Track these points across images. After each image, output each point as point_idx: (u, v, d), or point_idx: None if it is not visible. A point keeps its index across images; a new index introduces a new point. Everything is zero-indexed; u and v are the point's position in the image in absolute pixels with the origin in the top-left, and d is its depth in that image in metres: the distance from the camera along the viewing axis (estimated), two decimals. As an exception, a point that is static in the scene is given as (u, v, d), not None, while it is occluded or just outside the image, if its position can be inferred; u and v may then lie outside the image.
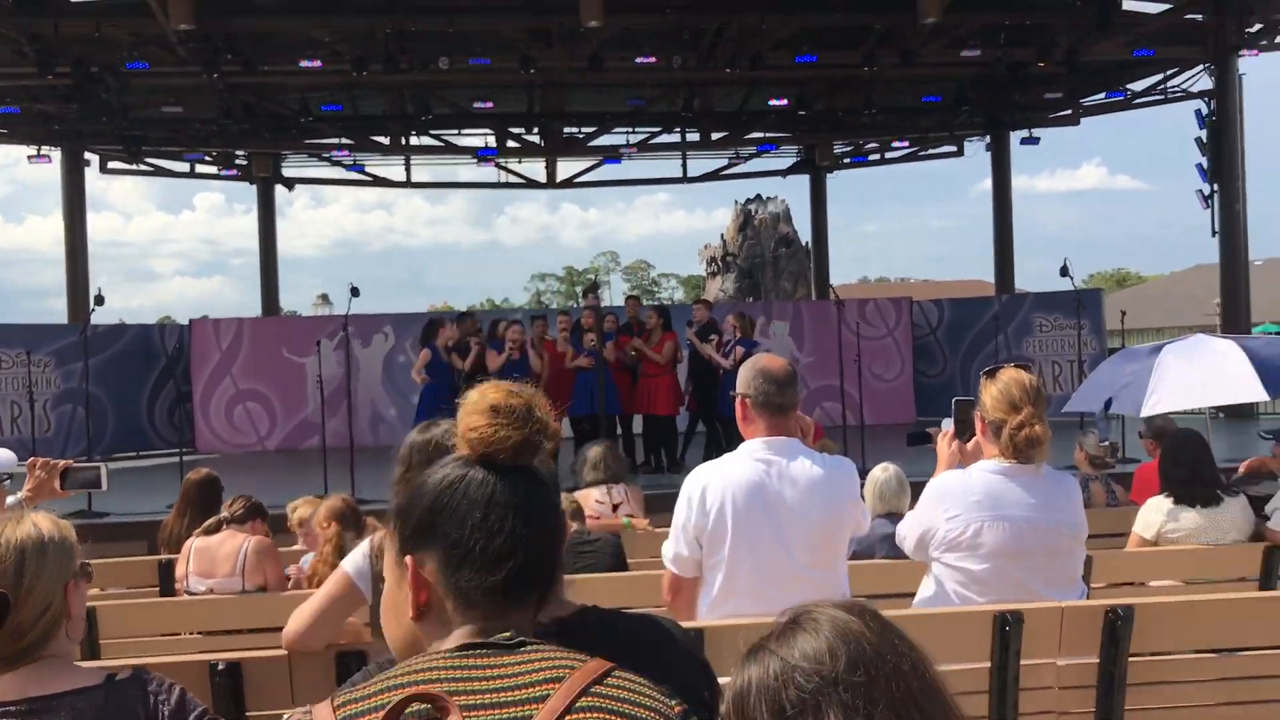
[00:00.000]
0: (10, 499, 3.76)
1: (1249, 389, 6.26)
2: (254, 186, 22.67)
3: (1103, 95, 18.99)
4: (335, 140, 20.15)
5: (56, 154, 18.47)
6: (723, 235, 35.68)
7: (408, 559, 1.46)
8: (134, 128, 17.49)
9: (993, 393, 3.57)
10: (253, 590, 5.08)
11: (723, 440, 11.88)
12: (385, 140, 20.09)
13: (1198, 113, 16.77)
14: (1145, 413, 6.67)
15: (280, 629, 3.19)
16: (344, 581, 3.11)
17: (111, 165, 20.59)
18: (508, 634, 1.38)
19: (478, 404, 1.50)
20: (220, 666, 3.09)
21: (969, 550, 3.54)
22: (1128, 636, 3.47)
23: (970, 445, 3.80)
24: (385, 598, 1.64)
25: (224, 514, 5.35)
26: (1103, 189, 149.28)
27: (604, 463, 6.17)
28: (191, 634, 4.97)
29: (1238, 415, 16.13)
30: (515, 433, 1.46)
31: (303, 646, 3.10)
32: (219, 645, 4.74)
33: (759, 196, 34.44)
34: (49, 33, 13.98)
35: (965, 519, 3.51)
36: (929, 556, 3.66)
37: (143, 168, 20.81)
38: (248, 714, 3.12)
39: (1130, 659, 3.51)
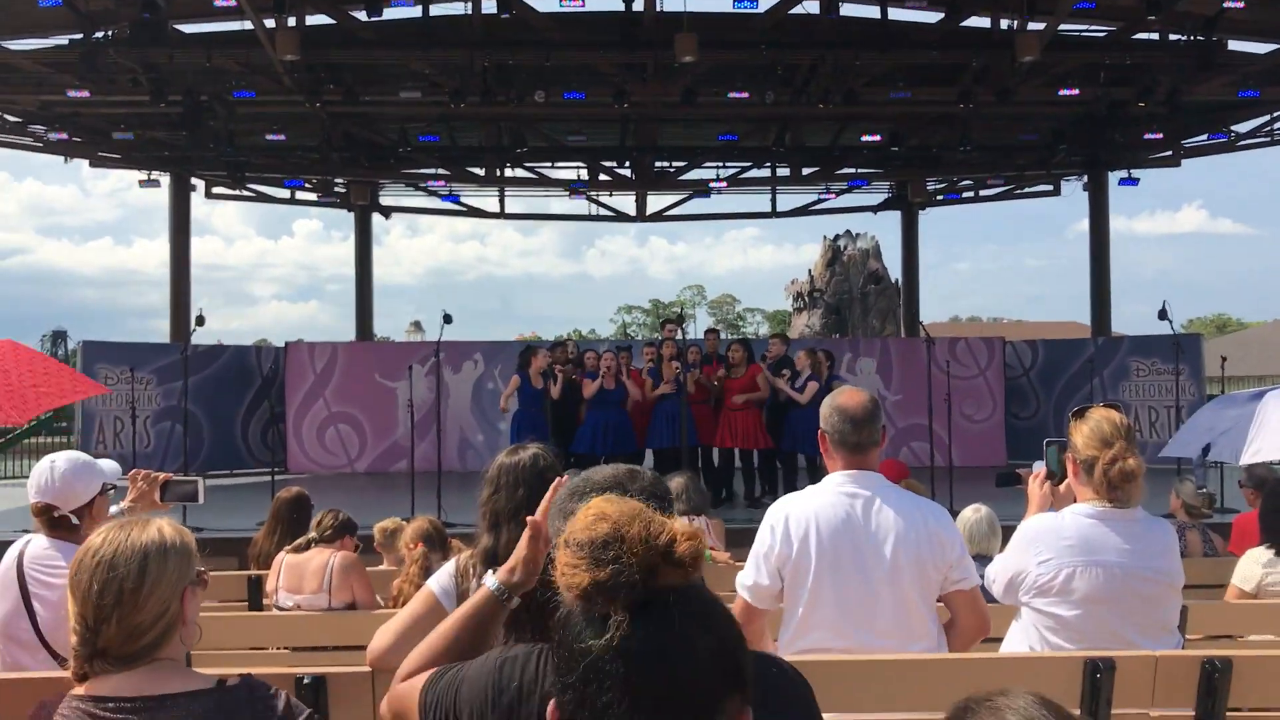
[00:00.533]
0: (113, 509, 3.88)
1: (1358, 440, 6.03)
2: (352, 214, 23.19)
3: (1205, 136, 18.57)
4: (432, 170, 20.53)
5: (165, 179, 19.10)
6: (810, 271, 35.59)
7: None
8: (239, 154, 18.03)
9: (1084, 431, 3.51)
10: (339, 607, 5.16)
11: (784, 476, 11.86)
12: (480, 171, 20.41)
13: (1307, 155, 16.34)
14: (1245, 460, 6.46)
15: (364, 647, 3.23)
16: (429, 600, 3.14)
17: (216, 190, 21.20)
18: None
19: (567, 533, 1.28)
20: (305, 680, 3.15)
21: (1060, 595, 3.46)
22: (1226, 689, 3.36)
23: (1062, 488, 3.73)
24: None
25: (313, 534, 5.45)
26: (1204, 232, 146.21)
27: (686, 494, 6.15)
28: (278, 649, 5.06)
29: (1345, 467, 15.56)
30: (585, 575, 1.20)
31: (387, 663, 3.13)
32: (304, 661, 4.82)
33: (848, 232, 34.36)
34: (164, 62, 14.48)
35: (1057, 563, 3.43)
36: (1018, 600, 3.58)
37: (245, 193, 21.39)
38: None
39: (1229, 713, 3.39)
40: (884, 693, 3.36)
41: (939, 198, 23.30)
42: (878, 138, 18.22)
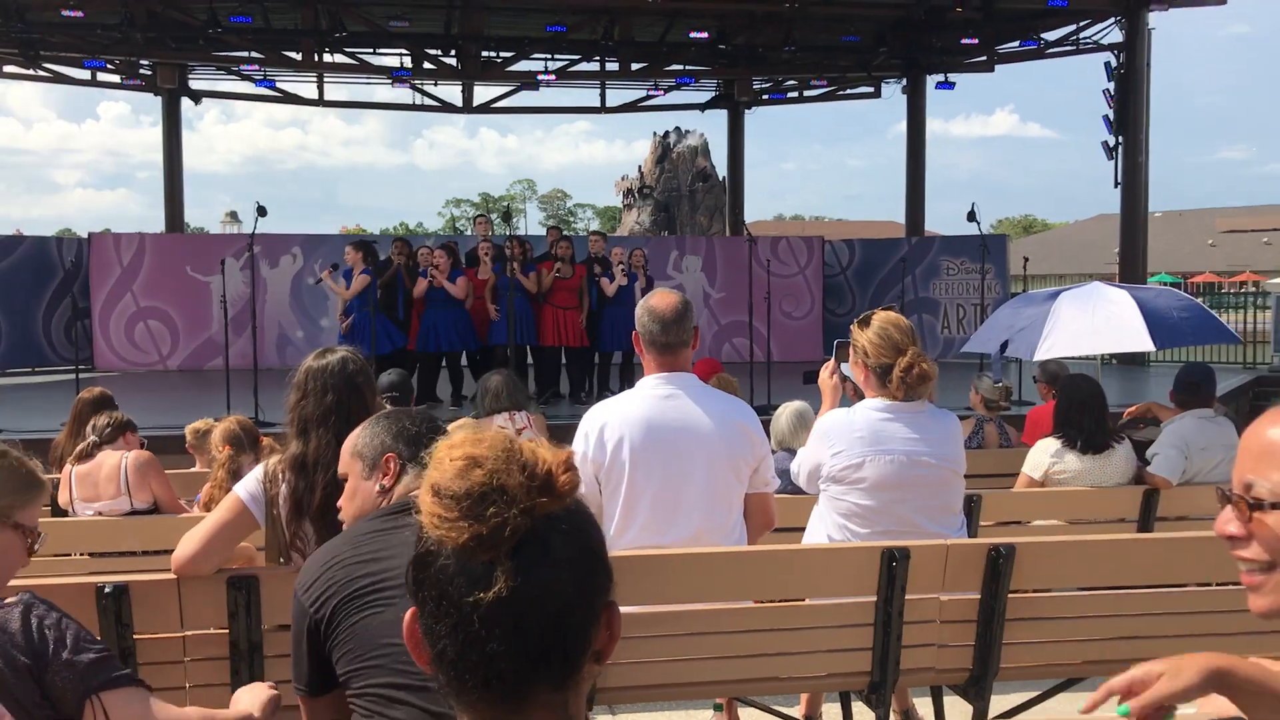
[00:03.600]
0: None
1: (1137, 339, 6.46)
2: (159, 98, 21.93)
3: (1017, 43, 19.17)
4: (245, 54, 19.53)
5: (-52, 55, 17.65)
6: (640, 167, 35.53)
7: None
8: (31, 30, 16.76)
9: (871, 339, 3.68)
10: (143, 508, 5.00)
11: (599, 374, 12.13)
12: (297, 56, 19.52)
13: (1107, 65, 17.02)
14: (1038, 357, 6.86)
15: (171, 551, 3.16)
16: (236, 506, 3.07)
17: (7, 69, 19.72)
18: None
19: (429, 476, 1.17)
20: (107, 589, 3.05)
21: (853, 484, 3.69)
22: (1009, 573, 3.60)
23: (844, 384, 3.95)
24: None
25: (92, 438, 5.24)
26: (1014, 135, 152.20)
27: (505, 390, 6.20)
28: (80, 555, 4.89)
29: (1129, 361, 16.64)
30: (465, 530, 1.11)
31: (193, 571, 3.07)
32: (108, 567, 4.67)
33: (678, 129, 34.32)
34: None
35: (849, 454, 3.65)
36: (819, 489, 3.79)
37: (41, 74, 19.97)
38: (135, 636, 3.09)
39: (1010, 595, 3.64)
40: (696, 584, 3.49)
41: (764, 97, 23.51)
42: (705, 35, 18.18)
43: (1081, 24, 17.88)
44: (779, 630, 3.69)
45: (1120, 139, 16.78)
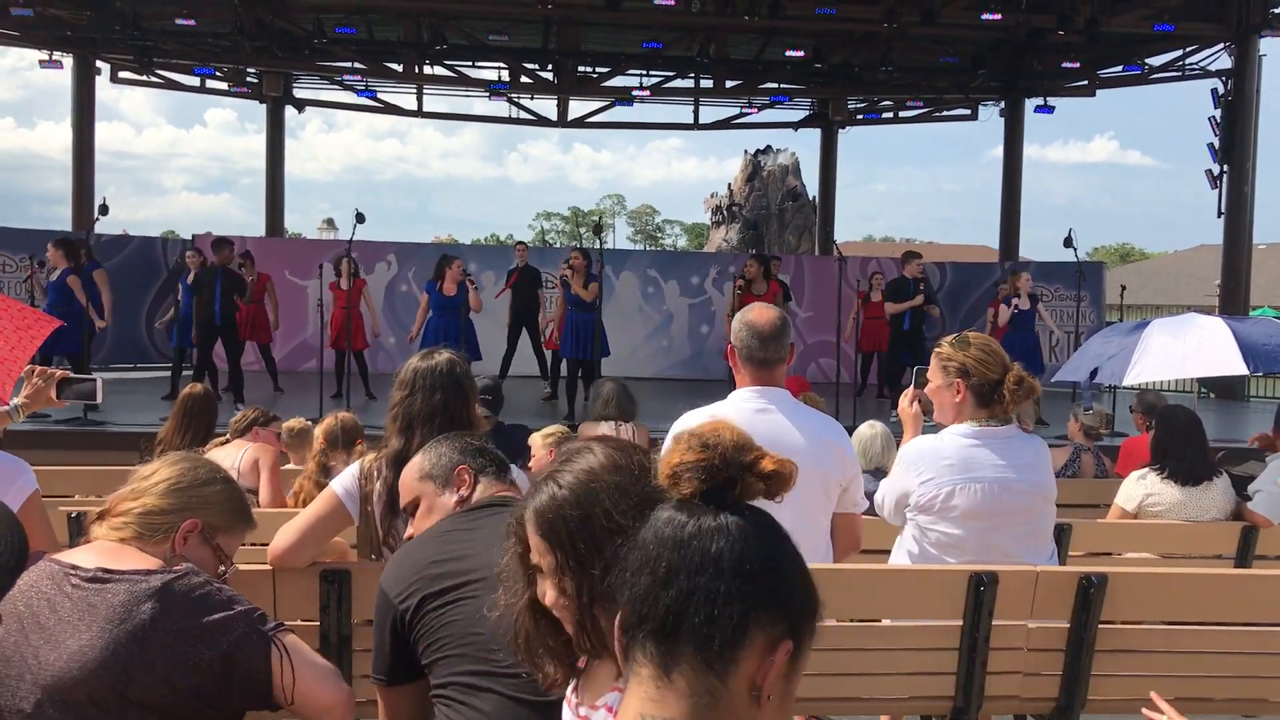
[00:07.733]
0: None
1: (1229, 363, 6.28)
2: (264, 105, 22.52)
3: (1120, 68, 18.80)
4: (348, 64, 19.97)
5: (68, 60, 18.31)
6: (730, 185, 35.52)
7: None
8: (146, 38, 17.32)
9: (976, 355, 3.61)
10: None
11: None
12: (398, 67, 19.91)
13: (1214, 91, 16.58)
14: (1127, 382, 6.72)
15: (265, 545, 3.24)
16: (332, 501, 3.14)
17: (122, 75, 20.40)
18: None
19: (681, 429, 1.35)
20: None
21: (942, 513, 3.62)
22: (1100, 603, 3.53)
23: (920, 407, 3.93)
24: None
25: (225, 435, 5.42)
26: (1113, 163, 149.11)
27: (616, 400, 6.26)
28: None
29: (1226, 395, 16.18)
30: (678, 455, 1.29)
31: (288, 563, 3.15)
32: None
33: (769, 148, 34.27)
34: (64, -64, 13.81)
35: (938, 482, 3.59)
36: (905, 519, 3.74)
37: (153, 79, 20.63)
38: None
39: (1100, 625, 3.57)
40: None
41: (859, 117, 23.36)
42: (801, 53, 18.14)
43: (1188, 49, 17.47)
44: (862, 650, 3.66)
45: (1225, 167, 16.34)
